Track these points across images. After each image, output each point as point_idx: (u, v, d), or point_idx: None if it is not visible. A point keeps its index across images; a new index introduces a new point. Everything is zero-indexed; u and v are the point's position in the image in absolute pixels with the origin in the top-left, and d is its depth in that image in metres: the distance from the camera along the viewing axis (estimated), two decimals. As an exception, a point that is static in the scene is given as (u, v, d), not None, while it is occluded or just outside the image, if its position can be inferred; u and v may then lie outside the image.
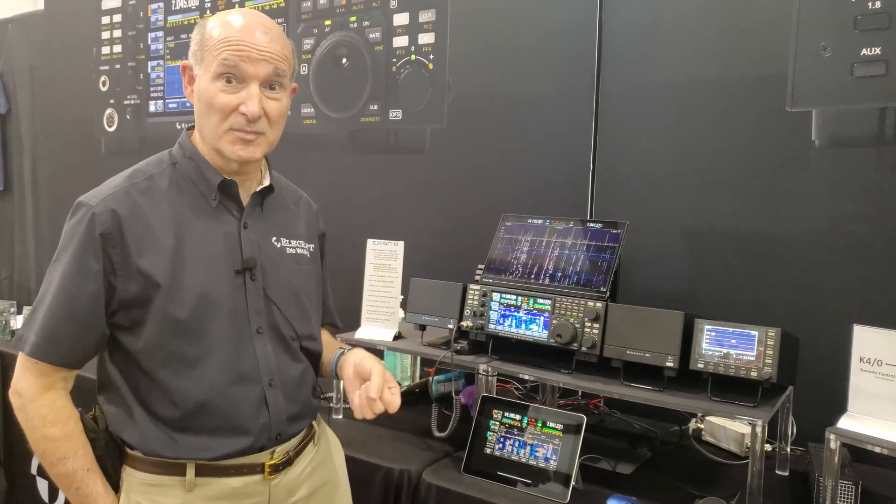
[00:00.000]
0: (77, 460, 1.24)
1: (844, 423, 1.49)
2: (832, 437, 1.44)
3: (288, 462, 1.36)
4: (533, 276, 1.87)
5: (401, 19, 2.71)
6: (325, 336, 1.60)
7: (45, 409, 1.23)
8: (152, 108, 3.57)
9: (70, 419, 1.25)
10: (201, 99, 1.26)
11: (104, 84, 3.75)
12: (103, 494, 1.26)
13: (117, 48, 3.69)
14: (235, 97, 1.23)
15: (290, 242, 1.42)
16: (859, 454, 1.56)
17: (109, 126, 3.75)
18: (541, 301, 1.78)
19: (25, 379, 1.23)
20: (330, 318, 1.64)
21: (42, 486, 2.67)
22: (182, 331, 1.24)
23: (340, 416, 2.09)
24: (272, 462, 1.33)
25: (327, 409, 2.05)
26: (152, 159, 1.34)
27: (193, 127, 1.35)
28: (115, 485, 1.29)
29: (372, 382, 1.31)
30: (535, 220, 1.96)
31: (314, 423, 1.48)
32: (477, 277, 1.93)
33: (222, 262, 1.29)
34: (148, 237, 1.24)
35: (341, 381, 1.45)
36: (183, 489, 1.26)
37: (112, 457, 1.29)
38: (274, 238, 1.39)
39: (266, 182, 1.39)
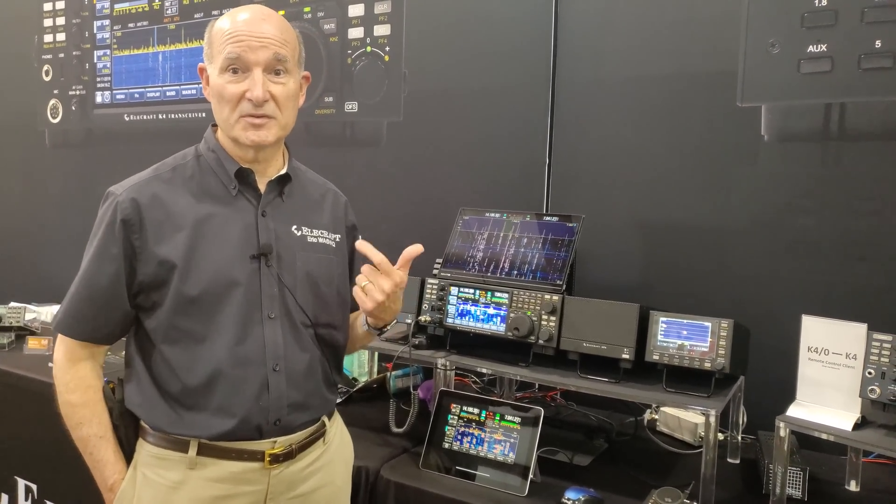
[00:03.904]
0: (92, 427, 1.34)
1: (793, 411, 1.53)
2: (781, 425, 1.48)
3: (290, 455, 1.37)
4: (490, 270, 1.87)
5: (356, 10, 2.68)
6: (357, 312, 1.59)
7: (69, 377, 1.35)
8: (99, 100, 3.45)
9: (90, 388, 1.35)
10: (213, 94, 1.34)
11: (47, 74, 3.62)
12: (112, 462, 1.35)
13: (61, 36, 3.56)
14: (241, 86, 1.30)
15: (311, 231, 1.44)
16: (807, 440, 1.60)
17: (54, 118, 3.62)
18: (498, 295, 1.78)
19: (58, 350, 1.36)
20: None
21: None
22: (193, 309, 1.30)
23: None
24: (273, 452, 1.34)
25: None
26: (179, 153, 1.42)
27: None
28: (129, 455, 1.37)
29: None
30: (492, 214, 1.96)
31: (326, 420, 1.46)
32: (435, 272, 1.92)
33: (239, 248, 1.34)
34: (167, 223, 1.31)
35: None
36: (185, 466, 1.31)
37: (126, 428, 1.37)
38: (294, 226, 1.42)
39: (283, 171, 1.42)
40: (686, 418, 1.90)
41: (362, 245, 1.34)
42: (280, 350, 1.35)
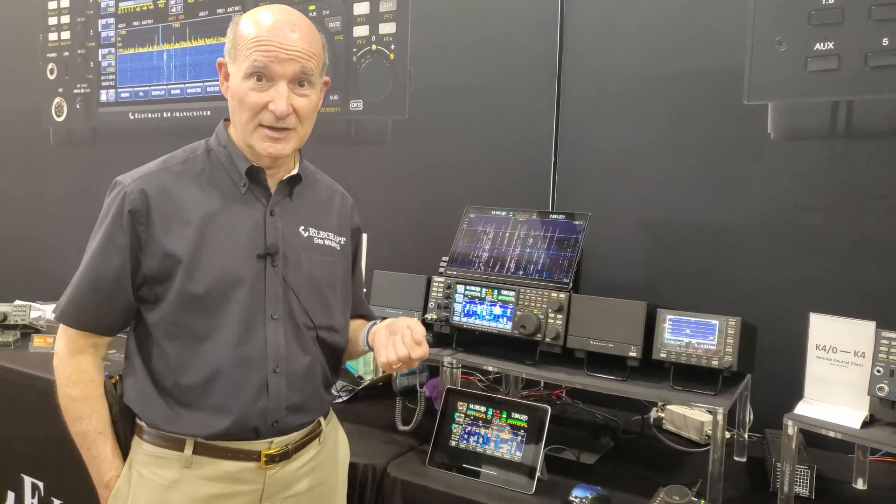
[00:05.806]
0: (91, 422, 1.33)
1: (801, 409, 1.52)
2: (790, 422, 1.48)
3: (286, 455, 1.37)
4: (497, 268, 1.87)
5: (361, 8, 2.67)
6: (358, 322, 1.60)
7: (70, 370, 1.33)
8: (104, 98, 3.46)
9: (91, 383, 1.33)
10: (234, 96, 1.32)
11: (52, 72, 3.62)
12: (110, 458, 1.34)
13: (65, 34, 3.56)
14: (265, 95, 1.29)
15: (318, 233, 1.44)
16: (813, 439, 1.60)
17: (58, 116, 3.62)
18: (505, 293, 1.78)
19: (59, 341, 1.35)
20: (363, 308, 1.65)
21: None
22: (196, 306, 1.29)
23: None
24: (269, 452, 1.34)
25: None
26: (189, 146, 1.41)
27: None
28: (126, 453, 1.36)
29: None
30: (498, 212, 1.96)
31: (322, 420, 1.47)
32: (441, 269, 1.92)
33: (245, 246, 1.33)
34: (175, 217, 1.30)
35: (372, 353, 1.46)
36: (181, 465, 1.31)
37: (125, 424, 1.36)
38: (301, 227, 1.42)
39: (294, 171, 1.41)
40: (692, 416, 1.90)
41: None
42: (281, 352, 1.35)
